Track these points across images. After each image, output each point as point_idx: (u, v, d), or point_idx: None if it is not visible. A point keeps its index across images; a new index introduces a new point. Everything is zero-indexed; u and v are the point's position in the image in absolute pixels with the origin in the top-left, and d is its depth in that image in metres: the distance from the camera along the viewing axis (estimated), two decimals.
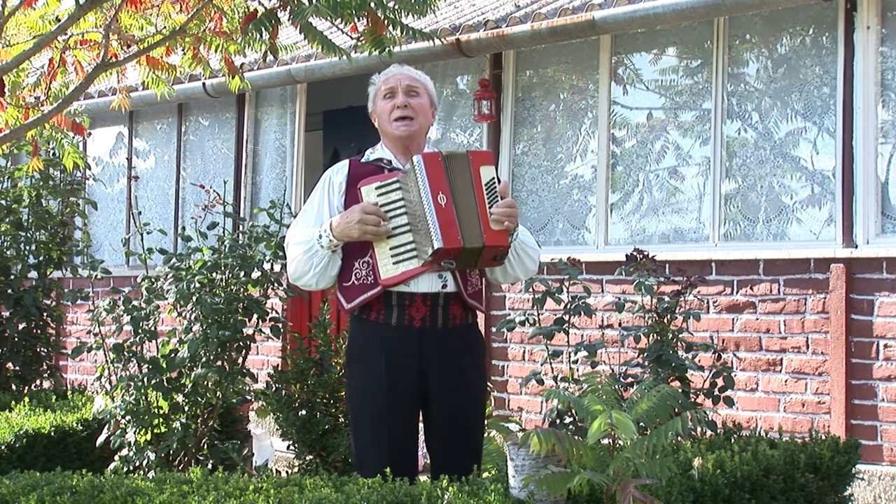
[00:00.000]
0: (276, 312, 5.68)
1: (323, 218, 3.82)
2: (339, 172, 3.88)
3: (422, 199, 3.66)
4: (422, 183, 3.67)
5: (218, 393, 5.23)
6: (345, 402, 5.46)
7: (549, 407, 5.15)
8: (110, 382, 5.33)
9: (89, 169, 8.99)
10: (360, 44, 4.88)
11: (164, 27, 5.30)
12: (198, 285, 5.18)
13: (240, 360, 5.30)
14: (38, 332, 7.64)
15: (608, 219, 7.12)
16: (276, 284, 5.38)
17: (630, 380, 5.13)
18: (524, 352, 7.29)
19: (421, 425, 3.91)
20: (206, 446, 5.26)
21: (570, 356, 5.26)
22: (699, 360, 5.23)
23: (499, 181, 3.76)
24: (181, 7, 5.25)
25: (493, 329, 5.96)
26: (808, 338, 6.22)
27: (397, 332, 3.76)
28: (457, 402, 3.82)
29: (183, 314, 5.22)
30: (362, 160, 3.91)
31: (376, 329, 3.78)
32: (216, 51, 5.47)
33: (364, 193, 3.75)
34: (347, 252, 3.80)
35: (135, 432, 5.14)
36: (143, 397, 5.15)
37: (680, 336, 5.09)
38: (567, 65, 7.44)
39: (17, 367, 7.42)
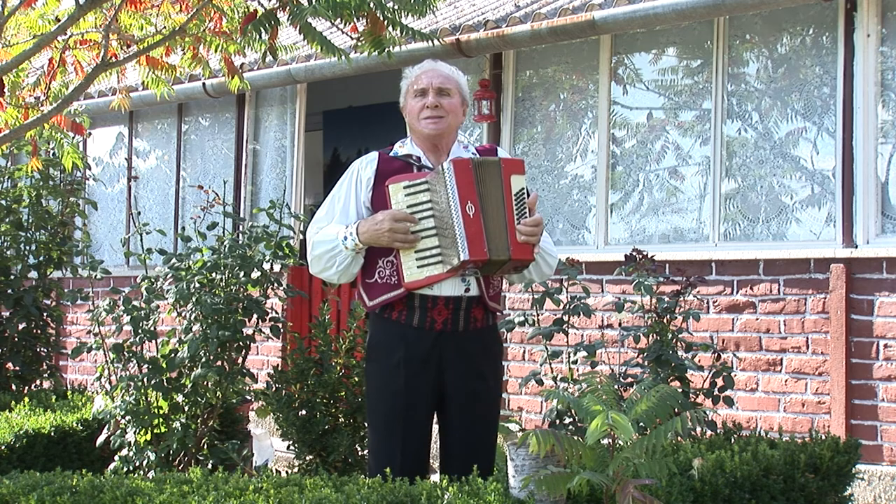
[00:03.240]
0: (276, 312, 5.67)
1: (349, 212, 3.82)
2: (367, 166, 3.86)
3: (450, 208, 3.66)
4: (451, 191, 3.66)
5: (218, 393, 5.23)
6: (353, 400, 5.47)
7: (549, 407, 5.15)
8: (110, 382, 5.33)
9: (89, 169, 8.99)
10: (359, 44, 4.87)
11: (164, 27, 5.29)
12: (197, 285, 5.18)
13: (240, 360, 5.30)
14: (38, 332, 7.64)
15: (608, 219, 7.11)
16: (275, 284, 5.38)
17: (630, 380, 5.14)
18: (524, 352, 7.29)
19: (435, 425, 3.91)
20: (206, 446, 5.26)
21: (569, 356, 5.26)
22: (699, 360, 5.23)
23: (528, 193, 3.75)
24: (181, 7, 5.24)
25: None
26: (808, 338, 6.22)
27: (417, 332, 3.77)
28: (473, 403, 3.82)
29: (183, 314, 5.22)
30: (391, 154, 3.90)
31: (396, 328, 3.79)
32: (216, 51, 5.47)
33: (392, 192, 3.74)
34: (371, 249, 3.79)
35: (135, 432, 5.14)
36: (143, 397, 5.15)
37: (680, 336, 5.09)
38: (567, 65, 7.44)
39: (17, 367, 7.42)
